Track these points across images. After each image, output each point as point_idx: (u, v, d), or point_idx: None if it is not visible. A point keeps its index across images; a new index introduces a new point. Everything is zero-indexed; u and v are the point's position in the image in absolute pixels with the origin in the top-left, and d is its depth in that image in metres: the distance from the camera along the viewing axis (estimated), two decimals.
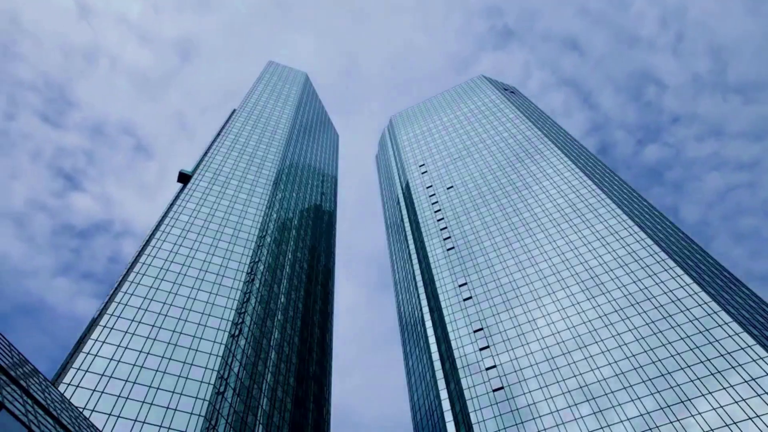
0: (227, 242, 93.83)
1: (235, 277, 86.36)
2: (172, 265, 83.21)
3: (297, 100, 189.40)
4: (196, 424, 60.11)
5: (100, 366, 62.37)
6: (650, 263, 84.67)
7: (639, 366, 70.61)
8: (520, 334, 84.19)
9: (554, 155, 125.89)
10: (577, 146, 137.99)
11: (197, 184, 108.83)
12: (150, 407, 60.16)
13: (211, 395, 64.65)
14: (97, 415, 56.58)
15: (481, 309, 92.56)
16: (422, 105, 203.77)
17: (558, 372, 75.48)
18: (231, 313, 78.71)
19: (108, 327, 68.16)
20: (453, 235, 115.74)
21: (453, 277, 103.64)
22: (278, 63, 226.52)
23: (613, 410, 67.02)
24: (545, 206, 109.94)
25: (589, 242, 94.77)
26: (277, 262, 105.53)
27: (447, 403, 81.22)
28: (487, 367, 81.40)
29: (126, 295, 74.35)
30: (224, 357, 71.14)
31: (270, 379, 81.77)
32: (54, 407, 31.96)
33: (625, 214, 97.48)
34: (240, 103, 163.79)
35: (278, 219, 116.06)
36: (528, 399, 73.87)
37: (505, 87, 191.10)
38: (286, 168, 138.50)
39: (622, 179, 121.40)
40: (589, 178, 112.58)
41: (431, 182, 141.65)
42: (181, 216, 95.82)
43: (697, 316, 72.81)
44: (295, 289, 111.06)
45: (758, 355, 64.57)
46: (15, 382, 27.92)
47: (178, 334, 71.42)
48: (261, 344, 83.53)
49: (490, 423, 72.89)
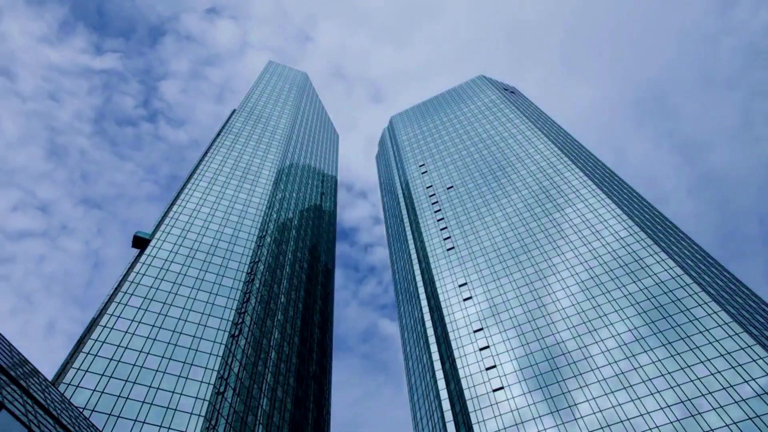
0: (227, 242, 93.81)
1: (235, 277, 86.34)
2: (172, 265, 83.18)
3: (297, 100, 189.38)
4: (196, 424, 60.11)
5: (100, 366, 62.36)
6: (650, 263, 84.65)
7: (639, 366, 70.60)
8: (520, 334, 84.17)
9: (554, 155, 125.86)
10: (577, 146, 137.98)
11: (197, 183, 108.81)
12: (150, 407, 60.15)
13: (211, 395, 64.64)
14: (97, 415, 56.57)
15: (481, 309, 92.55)
16: (422, 105, 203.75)
17: (558, 372, 75.47)
18: (231, 313, 78.69)
19: (108, 327, 68.15)
20: (453, 235, 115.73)
21: (453, 277, 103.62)
22: (278, 63, 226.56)
23: (614, 410, 67.02)
24: (545, 206, 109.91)
25: (589, 242, 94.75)
26: (277, 262, 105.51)
27: (447, 403, 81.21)
28: (487, 367, 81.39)
29: (126, 295, 74.34)
30: (224, 357, 71.13)
31: (270, 379, 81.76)
32: (54, 407, 31.95)
33: (626, 214, 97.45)
34: (240, 103, 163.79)
35: (278, 219, 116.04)
36: (528, 399, 73.86)
37: (505, 87, 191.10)
38: (286, 168, 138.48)
39: (622, 179, 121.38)
40: (589, 178, 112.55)
41: (431, 182, 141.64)
42: (181, 216, 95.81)
43: (697, 316, 72.80)
44: (295, 289, 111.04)
45: (758, 355, 64.56)
46: (15, 382, 27.91)
47: (178, 334, 71.42)
48: (261, 344, 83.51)
49: (490, 423, 72.89)
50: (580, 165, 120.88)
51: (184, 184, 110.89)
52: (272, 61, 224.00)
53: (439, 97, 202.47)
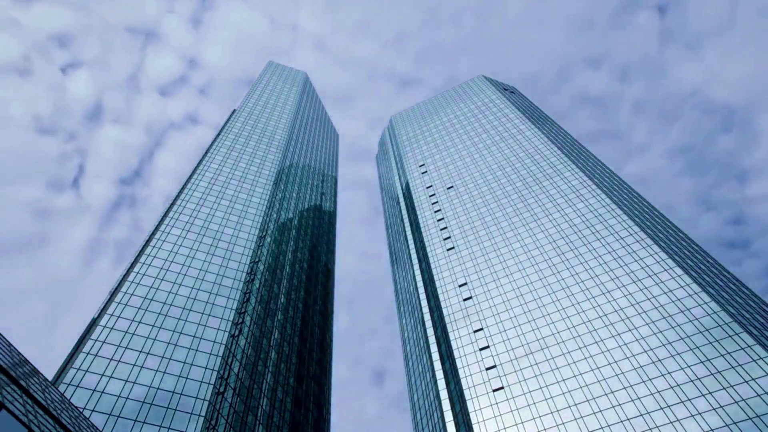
0: (227, 242, 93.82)
1: (235, 277, 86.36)
2: (172, 265, 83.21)
3: (297, 100, 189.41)
4: (196, 424, 60.12)
5: (100, 366, 62.38)
6: (650, 263, 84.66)
7: (639, 366, 70.60)
8: (520, 334, 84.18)
9: (554, 155, 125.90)
10: (578, 146, 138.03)
11: (197, 184, 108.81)
12: (150, 407, 60.16)
13: (211, 395, 64.65)
14: (97, 415, 56.58)
15: (481, 309, 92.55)
16: (422, 105, 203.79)
17: (558, 372, 75.47)
18: (231, 313, 78.71)
19: (108, 327, 68.17)
20: (453, 235, 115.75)
21: (453, 277, 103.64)
22: (278, 63, 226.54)
23: (613, 410, 67.02)
24: (545, 206, 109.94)
25: (589, 242, 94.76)
26: (277, 262, 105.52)
27: (447, 403, 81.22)
28: (487, 367, 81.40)
29: (126, 295, 74.36)
30: (224, 357, 71.14)
31: (270, 379, 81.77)
32: (54, 407, 31.95)
33: (626, 214, 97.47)
34: (240, 103, 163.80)
35: (278, 219, 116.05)
36: (528, 399, 73.87)
37: (505, 87, 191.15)
38: (286, 168, 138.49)
39: (622, 179, 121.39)
40: (589, 178, 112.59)
41: (431, 182, 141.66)
42: (181, 216, 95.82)
43: (697, 316, 72.82)
44: (295, 289, 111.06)
45: (758, 355, 64.56)
46: (15, 382, 27.92)
47: (178, 334, 71.44)
48: (261, 344, 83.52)
49: (490, 423, 72.89)
50: (580, 165, 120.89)
51: (185, 183, 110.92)
52: (272, 61, 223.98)
53: (439, 97, 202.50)
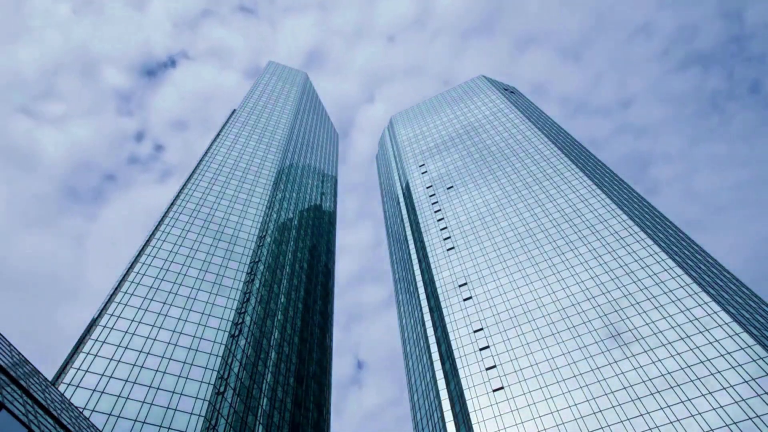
0: (227, 242, 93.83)
1: (235, 277, 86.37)
2: (172, 265, 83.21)
3: (297, 100, 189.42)
4: (196, 424, 60.13)
5: (100, 366, 62.39)
6: (650, 263, 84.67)
7: (639, 366, 70.61)
8: (520, 334, 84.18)
9: (554, 155, 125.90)
10: (577, 146, 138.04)
11: (197, 183, 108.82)
12: (150, 407, 60.18)
13: (211, 395, 64.67)
14: (97, 415, 56.59)
15: (481, 309, 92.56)
16: (422, 105, 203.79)
17: (558, 372, 75.48)
18: (231, 313, 78.72)
19: (108, 327, 68.17)
20: (453, 235, 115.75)
21: (453, 277, 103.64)
22: (278, 63, 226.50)
23: (613, 410, 67.03)
24: (545, 206, 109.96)
25: (589, 242, 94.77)
26: (277, 262, 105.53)
27: (447, 403, 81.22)
28: (487, 367, 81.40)
29: (126, 295, 74.37)
30: (224, 357, 71.15)
31: (270, 379, 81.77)
32: (54, 407, 31.95)
33: (626, 214, 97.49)
34: (240, 103, 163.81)
35: (278, 219, 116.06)
36: (528, 399, 73.87)
37: (505, 87, 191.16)
38: (286, 168, 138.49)
39: (623, 179, 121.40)
40: (589, 178, 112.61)
41: (431, 182, 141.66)
42: (181, 216, 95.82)
43: (697, 316, 72.82)
44: (295, 289, 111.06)
45: (758, 355, 64.57)
46: (15, 382, 27.92)
47: (178, 334, 71.44)
48: (261, 344, 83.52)
49: (490, 423, 72.89)
50: (580, 165, 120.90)
51: (185, 183, 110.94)
52: (272, 61, 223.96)
53: (438, 97, 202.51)
